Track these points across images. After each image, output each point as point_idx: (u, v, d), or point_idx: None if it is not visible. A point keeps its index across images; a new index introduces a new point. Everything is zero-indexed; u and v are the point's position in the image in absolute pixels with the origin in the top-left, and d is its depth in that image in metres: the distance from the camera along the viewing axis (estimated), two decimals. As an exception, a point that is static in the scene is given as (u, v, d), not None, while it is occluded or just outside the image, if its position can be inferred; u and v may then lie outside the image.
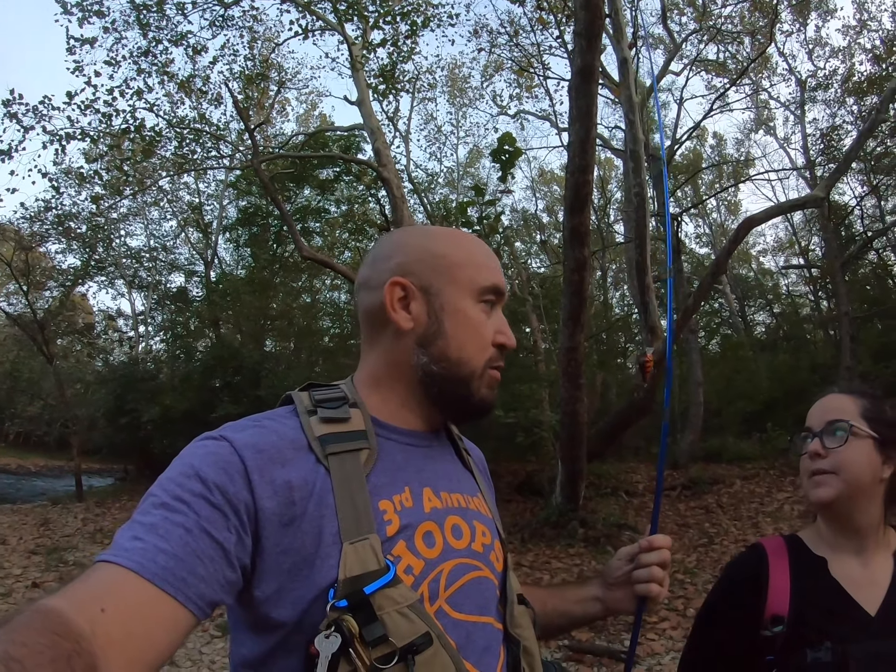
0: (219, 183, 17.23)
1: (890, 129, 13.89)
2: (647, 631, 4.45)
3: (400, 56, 10.88)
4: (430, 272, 0.86)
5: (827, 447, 1.11)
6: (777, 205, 10.65)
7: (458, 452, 0.96)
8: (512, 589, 0.86)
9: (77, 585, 0.58)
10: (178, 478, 0.68)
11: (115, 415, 13.50)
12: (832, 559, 1.12)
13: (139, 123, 9.95)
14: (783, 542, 1.20)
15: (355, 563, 0.68)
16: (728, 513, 8.44)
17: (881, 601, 1.06)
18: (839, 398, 1.18)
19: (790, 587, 1.11)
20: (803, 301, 22.01)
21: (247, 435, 0.73)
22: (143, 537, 0.62)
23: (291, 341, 17.18)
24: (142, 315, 20.89)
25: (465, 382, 0.85)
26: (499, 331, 0.88)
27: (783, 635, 1.06)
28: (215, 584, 0.64)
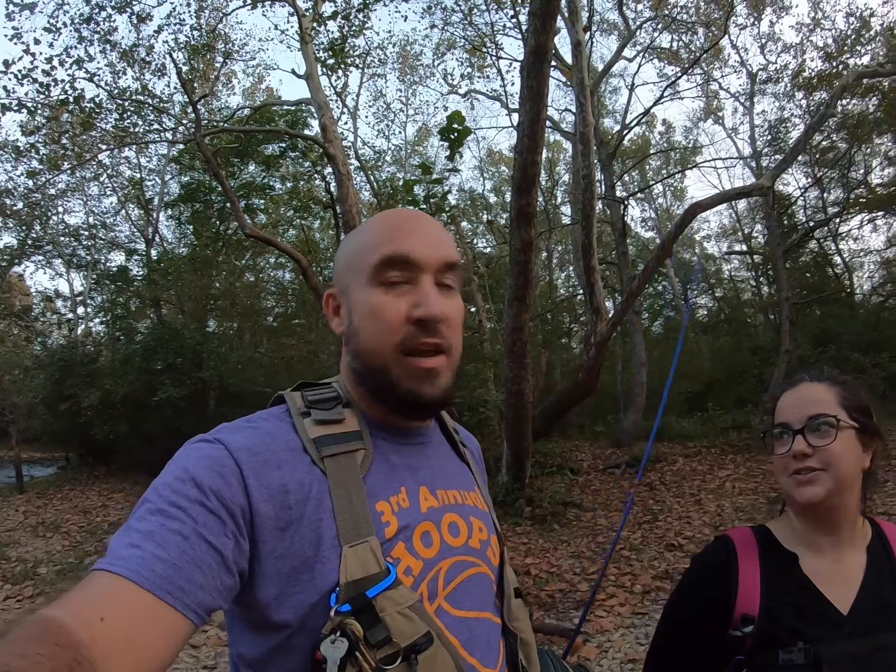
0: (161, 157, 16.71)
1: (836, 125, 14.37)
2: (595, 608, 4.51)
3: (351, 30, 10.64)
4: (343, 272, 0.85)
5: (812, 445, 1.04)
6: (723, 192, 10.85)
7: (454, 446, 0.95)
8: (508, 583, 0.87)
9: (75, 595, 0.58)
10: (174, 482, 0.67)
11: (54, 401, 13.03)
12: (804, 555, 1.08)
13: (79, 94, 9.60)
14: (752, 535, 1.14)
15: (356, 567, 0.68)
16: (671, 490, 8.66)
17: (853, 599, 1.03)
18: (815, 388, 1.11)
19: (760, 585, 1.06)
20: (745, 286, 22.73)
21: (242, 437, 0.73)
22: (139, 545, 0.62)
23: (235, 321, 16.82)
24: (81, 296, 20.08)
25: (382, 373, 0.80)
26: (414, 304, 0.78)
27: (753, 635, 1.02)
28: (213, 590, 0.64)
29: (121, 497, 10.64)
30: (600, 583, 1.20)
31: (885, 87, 12.73)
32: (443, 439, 0.93)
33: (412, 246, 0.79)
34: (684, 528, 6.66)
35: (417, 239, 0.80)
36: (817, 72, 14.10)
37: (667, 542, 6.13)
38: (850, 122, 14.23)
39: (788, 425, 1.08)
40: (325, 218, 16.64)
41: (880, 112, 13.62)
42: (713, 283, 23.34)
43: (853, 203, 15.80)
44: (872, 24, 14.21)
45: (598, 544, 6.33)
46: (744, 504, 7.43)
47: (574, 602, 4.71)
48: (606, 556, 1.10)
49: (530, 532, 6.89)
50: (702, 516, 7.10)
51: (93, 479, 12.45)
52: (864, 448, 1.08)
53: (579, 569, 5.47)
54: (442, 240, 0.83)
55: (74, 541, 7.68)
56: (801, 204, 18.33)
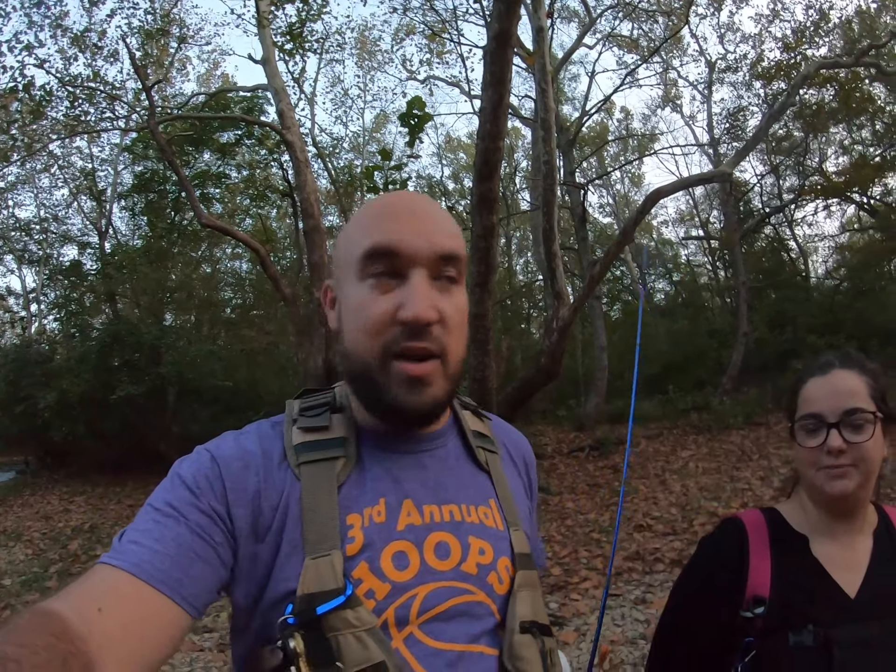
0: (113, 147, 16.20)
1: (793, 114, 14.70)
2: (569, 592, 4.55)
3: (309, 14, 10.43)
4: (338, 266, 0.80)
5: (848, 440, 1.00)
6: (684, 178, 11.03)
7: (471, 451, 0.84)
8: (514, 615, 0.73)
9: (75, 587, 0.60)
10: (168, 487, 0.71)
11: (9, 403, 12.57)
12: (814, 539, 1.07)
13: (28, 81, 9.34)
14: (762, 517, 1.13)
15: (313, 580, 0.66)
16: (636, 471, 8.79)
17: (860, 582, 1.02)
18: (847, 377, 1.05)
19: (771, 567, 1.06)
20: (701, 270, 23.19)
21: (227, 445, 0.75)
22: (138, 540, 0.64)
23: (192, 314, 16.50)
24: (33, 292, 19.47)
25: (366, 378, 0.73)
26: (400, 303, 0.70)
27: (764, 617, 1.02)
28: (209, 583, 0.66)
29: (82, 500, 10.35)
30: (609, 583, 1.17)
31: (842, 77, 13.04)
32: (456, 445, 0.84)
33: (401, 235, 0.71)
34: (651, 508, 6.76)
35: (408, 227, 0.72)
36: (776, 62, 14.37)
37: (636, 524, 6.21)
38: (807, 111, 14.58)
39: (822, 417, 1.03)
40: (283, 207, 16.40)
41: (836, 102, 13.97)
42: (670, 268, 23.76)
43: (808, 190, 16.23)
44: (831, 17, 14.54)
45: (568, 528, 6.39)
46: (708, 483, 7.58)
47: (548, 586, 4.73)
48: (610, 561, 1.08)
49: (499, 518, 6.92)
50: (668, 496, 7.22)
51: (53, 483, 12.09)
52: (885, 436, 1.06)
53: (551, 553, 5.52)
54: (439, 227, 0.74)
55: (38, 549, 7.44)
56: (758, 190, 18.77)
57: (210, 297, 15.93)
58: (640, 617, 3.96)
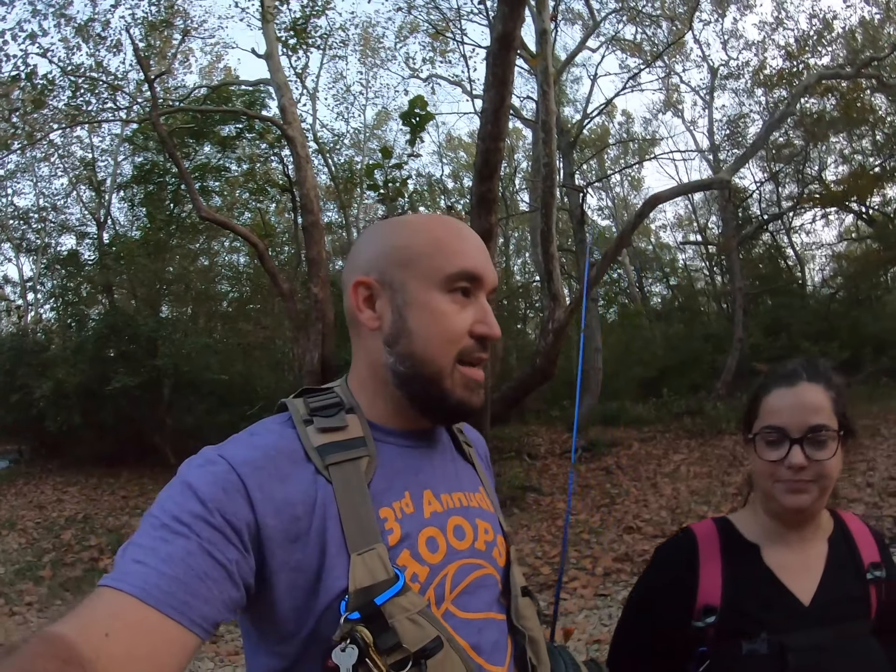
0: (114, 137, 16.13)
1: (794, 122, 14.75)
2: (559, 591, 4.58)
3: (313, 10, 10.45)
4: (394, 266, 0.82)
5: (809, 457, 0.99)
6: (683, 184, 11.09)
7: (459, 446, 0.94)
8: (515, 583, 0.87)
9: (81, 611, 0.59)
10: (177, 497, 0.68)
11: (4, 392, 12.51)
12: (765, 546, 1.08)
13: (31, 70, 9.28)
14: (714, 527, 1.14)
15: (365, 574, 0.69)
16: (628, 474, 8.84)
17: (815, 589, 1.03)
18: (815, 391, 1.03)
19: (722, 576, 1.06)
20: (698, 275, 23.28)
21: (244, 451, 0.73)
22: (144, 560, 0.62)
23: (189, 307, 16.45)
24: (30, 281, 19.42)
25: (435, 382, 0.80)
26: (478, 320, 0.81)
27: (716, 626, 1.02)
28: (219, 604, 0.64)
29: (76, 490, 10.35)
30: (563, 568, 1.24)
31: (844, 87, 13.09)
32: (448, 441, 0.93)
33: (484, 265, 0.83)
34: (642, 511, 6.81)
35: (486, 260, 0.84)
36: (778, 70, 14.42)
37: (625, 525, 6.26)
38: (808, 120, 14.63)
39: (786, 432, 1.01)
40: (282, 201, 16.37)
41: (837, 112, 14.02)
42: (667, 272, 23.82)
43: (807, 198, 16.30)
44: (834, 27, 14.59)
45: (558, 528, 6.44)
46: (699, 487, 7.63)
47: (538, 585, 4.77)
48: (563, 543, 1.13)
49: (490, 517, 6.96)
50: (658, 499, 7.27)
51: (47, 473, 12.07)
52: (843, 451, 1.05)
53: (541, 552, 5.56)
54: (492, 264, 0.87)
55: (31, 538, 7.45)
56: (757, 197, 18.84)
57: (207, 290, 15.87)
58: (628, 617, 3.99)
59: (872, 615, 1.03)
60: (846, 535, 1.10)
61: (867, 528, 1.13)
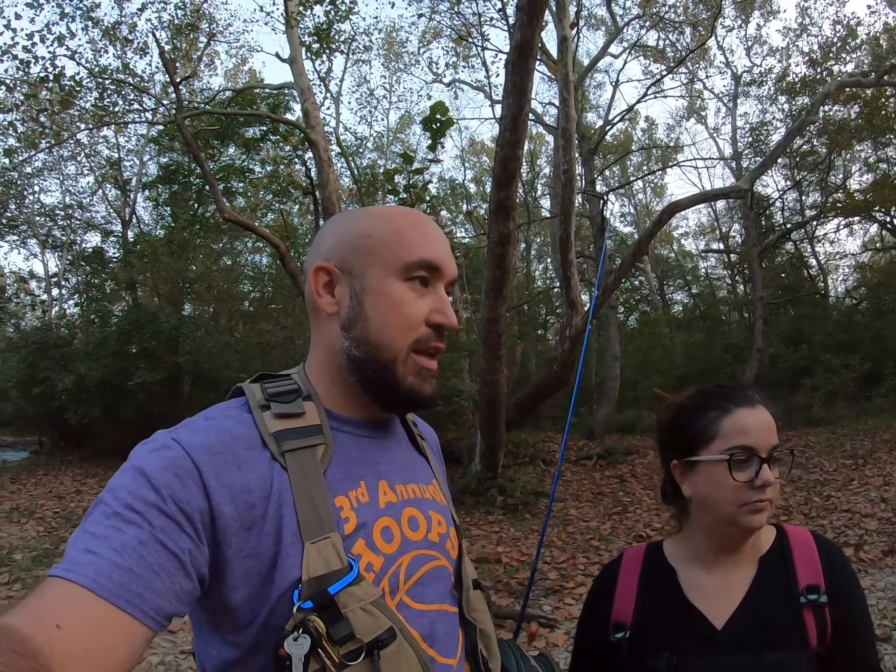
0: (140, 138, 16.42)
1: (817, 130, 14.58)
2: (564, 596, 4.60)
3: (337, 15, 10.54)
4: (354, 253, 0.82)
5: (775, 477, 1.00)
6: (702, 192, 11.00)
7: (413, 438, 0.95)
8: (467, 575, 0.88)
9: (32, 602, 0.58)
10: (130, 485, 0.65)
11: (27, 384, 12.86)
12: (687, 570, 1.08)
13: (59, 72, 9.41)
14: (643, 552, 1.17)
15: (319, 563, 0.68)
16: (641, 482, 8.79)
17: (731, 614, 1.02)
18: (767, 414, 1.04)
19: (636, 596, 1.09)
20: (720, 284, 23.04)
21: (200, 436, 0.71)
22: (96, 551, 0.60)
23: (211, 305, 16.65)
24: (55, 277, 19.78)
25: (388, 367, 0.81)
26: (435, 309, 0.82)
27: (627, 642, 1.06)
28: (172, 596, 0.63)
29: (94, 482, 10.52)
30: (536, 564, 1.28)
31: (867, 95, 12.94)
32: (403, 432, 0.94)
33: (444, 256, 0.84)
34: (653, 519, 6.78)
35: (446, 251, 0.85)
36: (801, 77, 14.29)
37: (636, 534, 6.24)
38: (832, 128, 14.46)
39: (756, 451, 1.00)
40: (304, 203, 16.53)
41: (861, 119, 13.85)
42: (689, 280, 23.63)
43: (831, 207, 16.07)
44: (858, 33, 14.43)
45: (569, 534, 6.43)
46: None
47: (544, 589, 4.79)
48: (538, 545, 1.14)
49: (502, 521, 6.98)
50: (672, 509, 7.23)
51: (66, 464, 12.30)
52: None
53: (549, 558, 5.57)
54: (453, 257, 0.88)
55: (49, 527, 7.58)
56: (780, 206, 18.63)
57: (229, 290, 16.04)
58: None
59: (813, 642, 0.97)
60: (783, 555, 1.05)
61: (816, 545, 1.05)
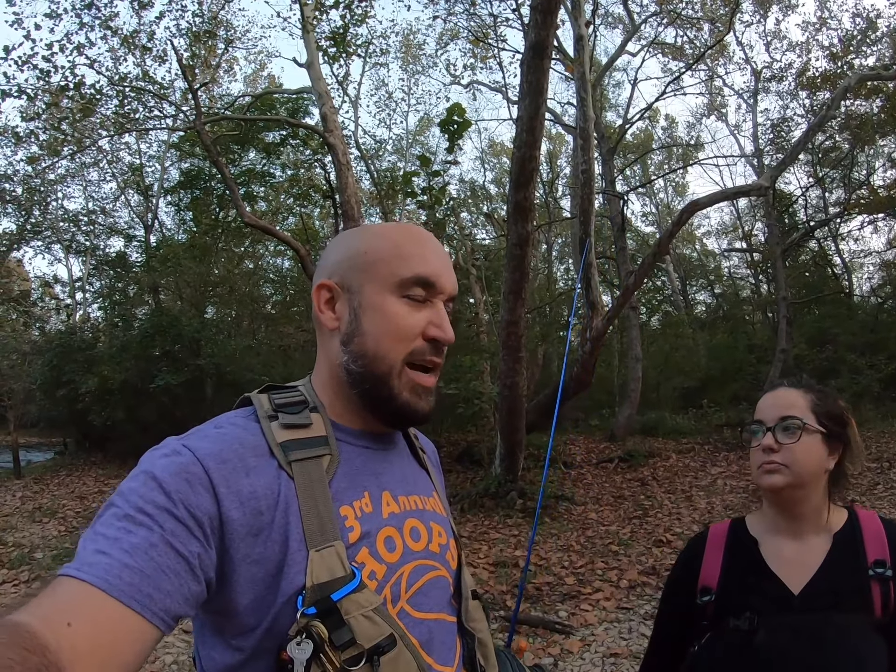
0: (161, 144, 16.66)
1: (839, 125, 14.33)
2: (581, 602, 4.55)
3: (353, 19, 10.57)
4: (353, 270, 0.85)
5: (780, 442, 1.17)
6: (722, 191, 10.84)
7: (414, 451, 0.97)
8: (466, 585, 0.90)
9: (42, 600, 0.58)
10: (141, 489, 0.67)
11: (52, 386, 13.04)
12: (765, 540, 1.23)
13: (79, 80, 9.56)
14: (728, 525, 1.31)
15: (322, 570, 0.70)
16: (663, 486, 8.70)
17: (808, 579, 1.14)
18: (790, 393, 1.23)
19: (721, 563, 1.24)
20: (744, 283, 22.73)
21: (209, 443, 0.73)
22: (107, 551, 0.62)
23: (233, 309, 16.80)
24: (79, 281, 20.14)
25: (383, 381, 0.82)
26: (432, 323, 0.84)
27: (712, 604, 1.20)
28: (180, 598, 0.64)
29: (117, 483, 10.32)
30: (526, 572, 1.33)
31: (890, 89, 12.69)
32: (405, 445, 0.96)
33: (440, 272, 0.85)
34: (674, 524, 6.70)
35: (444, 268, 0.87)
36: (821, 71, 14.06)
37: (655, 538, 6.17)
38: (854, 123, 14.20)
39: (763, 422, 1.21)
40: (325, 206, 16.63)
41: (884, 114, 13.59)
42: (712, 280, 23.35)
43: (854, 204, 15.77)
44: (879, 25, 14.18)
45: (588, 538, 6.37)
46: (734, 502, 7.47)
47: (560, 595, 4.75)
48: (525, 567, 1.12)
49: (521, 525, 6.93)
50: (692, 513, 7.14)
51: (89, 465, 12.49)
52: (829, 452, 1.19)
53: (567, 562, 5.52)
54: (453, 273, 0.90)
55: (70, 526, 7.71)
56: (802, 203, 18.32)
57: (251, 293, 16.19)
58: (647, 632, 3.94)
59: (877, 611, 1.10)
60: (855, 533, 1.19)
61: (884, 527, 1.19)
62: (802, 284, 17.71)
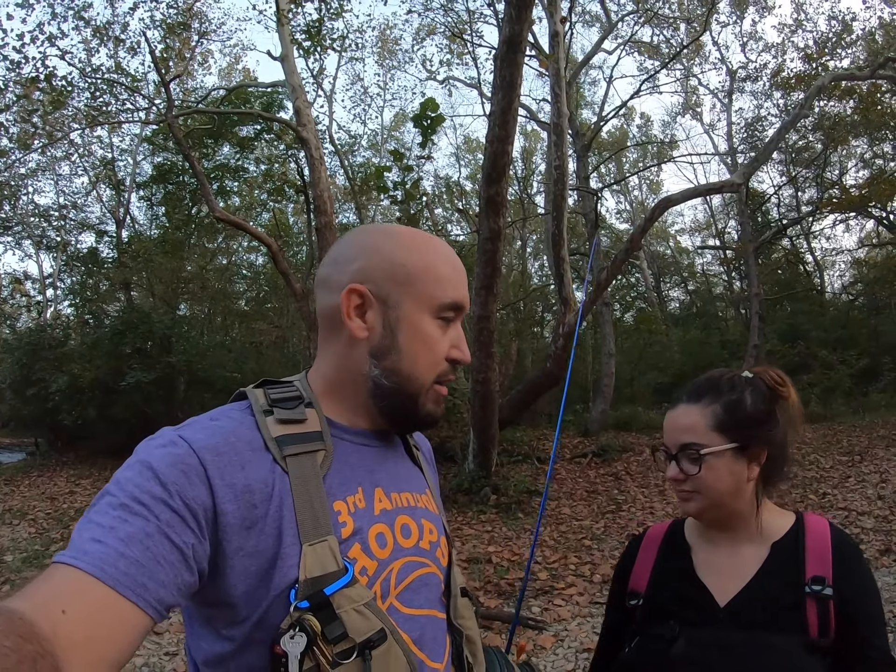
0: (133, 137, 16.39)
1: (813, 125, 14.54)
2: (554, 597, 4.55)
3: (329, 12, 10.50)
4: (390, 282, 0.83)
5: (684, 472, 1.09)
6: (695, 187, 10.96)
7: (408, 449, 0.98)
8: (456, 582, 0.91)
9: (37, 587, 0.58)
10: (137, 478, 0.68)
11: (21, 386, 12.84)
12: (699, 547, 1.17)
13: (50, 72, 9.42)
14: (667, 526, 1.27)
15: (315, 564, 0.71)
16: (636, 480, 8.76)
17: (737, 591, 1.07)
18: (688, 412, 1.11)
19: (652, 567, 1.19)
20: (717, 280, 23.03)
21: (205, 435, 0.73)
22: (103, 540, 0.62)
23: (205, 305, 16.64)
24: (50, 278, 19.74)
25: (413, 398, 0.85)
26: (454, 345, 0.87)
27: (640, 608, 1.16)
28: (174, 588, 0.65)
29: (88, 483, 10.49)
30: (529, 568, 1.32)
31: (863, 90, 12.91)
32: (400, 443, 0.96)
33: (467, 295, 0.89)
34: (647, 518, 6.74)
35: (466, 288, 0.90)
36: (796, 72, 14.26)
37: (629, 532, 6.20)
38: (827, 123, 14.44)
39: (668, 449, 1.13)
40: (299, 202, 16.52)
41: (857, 115, 13.83)
42: (686, 277, 23.62)
43: (826, 203, 16.05)
44: (854, 28, 14.41)
45: (561, 533, 6.39)
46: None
47: (533, 590, 4.75)
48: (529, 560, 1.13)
49: (494, 520, 6.94)
50: (665, 507, 7.20)
51: (61, 465, 12.25)
52: (748, 461, 1.08)
53: (540, 557, 5.52)
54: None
55: (41, 528, 7.55)
56: (775, 201, 18.61)
57: (224, 289, 16.08)
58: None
59: (812, 632, 1.00)
60: (797, 542, 1.09)
61: (831, 536, 1.08)
62: (775, 281, 18.00)
